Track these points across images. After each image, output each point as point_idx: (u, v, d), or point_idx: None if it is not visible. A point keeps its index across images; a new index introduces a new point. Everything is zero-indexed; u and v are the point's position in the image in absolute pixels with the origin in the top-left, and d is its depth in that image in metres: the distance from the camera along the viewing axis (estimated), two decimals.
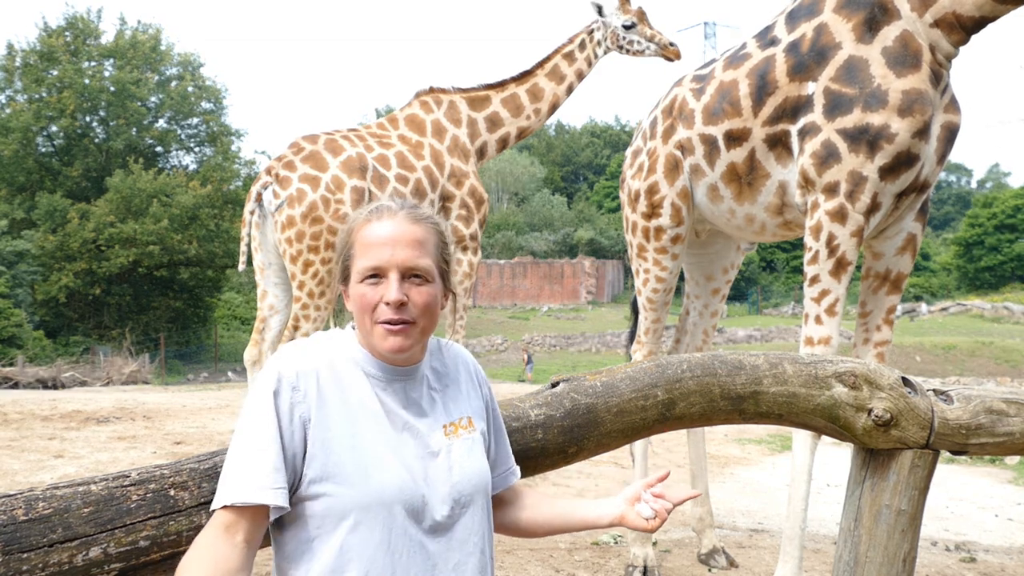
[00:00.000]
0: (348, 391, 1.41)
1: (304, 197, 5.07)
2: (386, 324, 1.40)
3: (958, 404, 1.84)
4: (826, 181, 3.30)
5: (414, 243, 1.42)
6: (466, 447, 1.48)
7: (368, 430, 1.39)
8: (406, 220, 1.43)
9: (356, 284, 1.43)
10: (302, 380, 1.38)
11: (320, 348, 1.45)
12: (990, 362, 21.49)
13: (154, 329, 29.73)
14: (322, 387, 1.39)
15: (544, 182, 58.68)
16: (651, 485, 1.58)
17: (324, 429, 1.36)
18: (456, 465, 1.45)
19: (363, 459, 1.36)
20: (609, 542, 4.99)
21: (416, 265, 1.41)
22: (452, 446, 1.46)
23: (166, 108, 34.49)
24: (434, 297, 1.44)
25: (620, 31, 5.80)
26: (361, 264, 1.42)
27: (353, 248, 1.44)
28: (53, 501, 1.39)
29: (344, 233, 1.47)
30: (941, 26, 3.12)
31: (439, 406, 1.50)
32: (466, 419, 1.52)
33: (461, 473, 1.45)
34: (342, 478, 1.34)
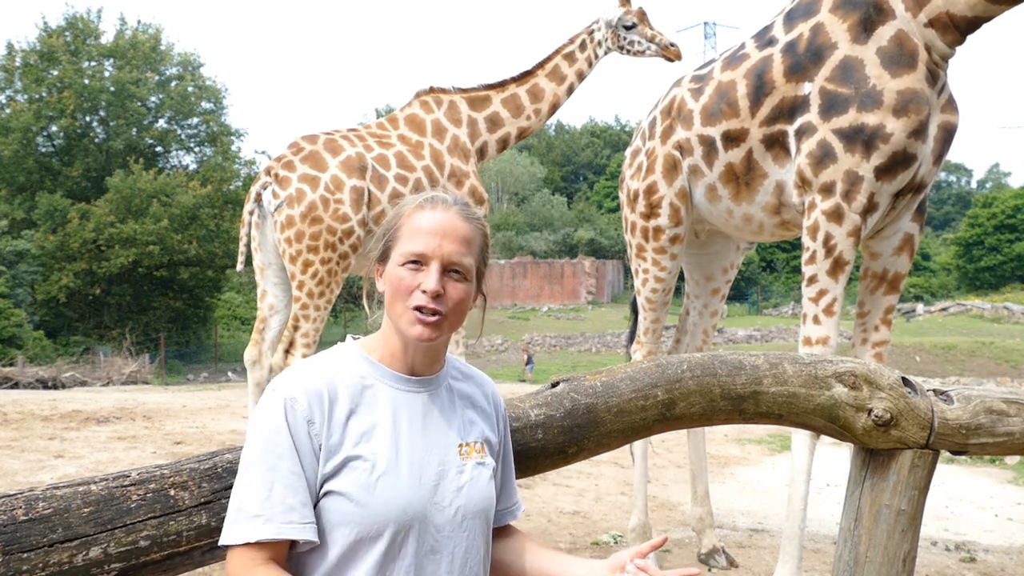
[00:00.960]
0: (359, 409, 1.39)
1: (303, 197, 5.07)
2: (418, 311, 1.40)
3: (958, 404, 1.84)
4: (822, 181, 3.31)
5: (462, 240, 1.42)
6: (477, 471, 1.46)
7: (381, 446, 1.37)
8: (458, 216, 1.44)
9: (396, 266, 1.41)
10: (313, 405, 1.35)
11: (325, 368, 1.42)
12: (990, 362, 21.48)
13: (154, 329, 29.73)
14: (332, 409, 1.37)
15: (544, 182, 58.68)
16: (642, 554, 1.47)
17: (336, 450, 1.35)
18: (466, 487, 1.44)
19: (372, 477, 1.34)
20: (609, 542, 4.99)
21: (459, 261, 1.42)
22: (465, 467, 1.45)
23: (166, 108, 34.50)
24: (468, 295, 1.45)
25: (621, 31, 5.80)
26: (406, 247, 1.41)
27: (400, 230, 1.43)
28: (53, 501, 1.39)
29: (393, 214, 1.47)
30: (935, 26, 3.13)
31: (457, 424, 1.49)
32: (480, 443, 1.51)
33: (468, 496, 1.43)
34: (350, 495, 1.33)
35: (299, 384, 1.37)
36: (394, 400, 1.42)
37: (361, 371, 1.43)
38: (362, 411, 1.39)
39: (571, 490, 6.52)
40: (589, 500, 6.19)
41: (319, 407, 1.35)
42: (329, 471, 1.34)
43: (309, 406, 1.35)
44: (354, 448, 1.35)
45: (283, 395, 1.35)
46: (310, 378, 1.38)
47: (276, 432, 1.33)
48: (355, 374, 1.42)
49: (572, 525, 5.37)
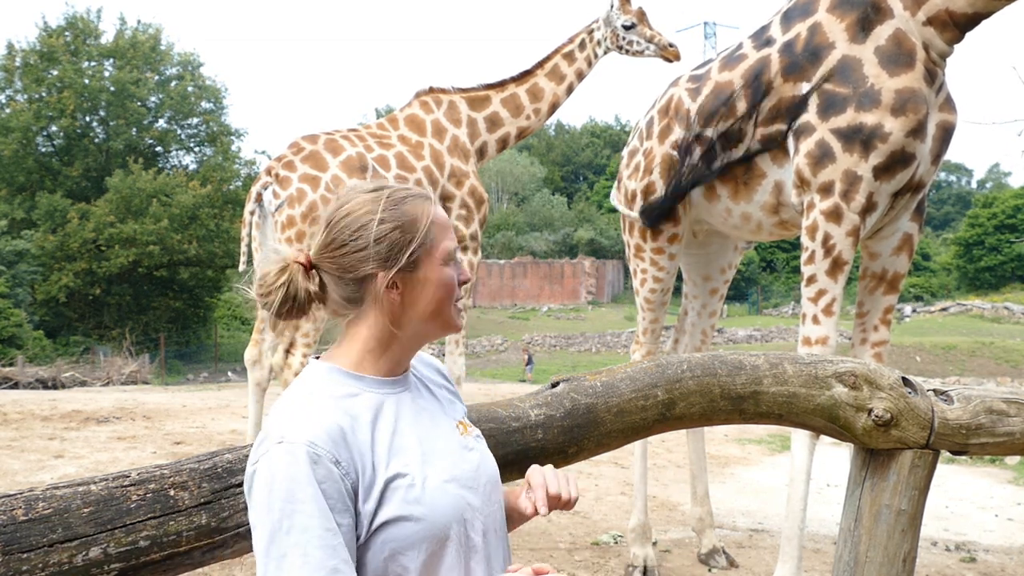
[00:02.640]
0: (376, 428, 1.29)
1: (304, 197, 5.07)
2: (458, 303, 1.40)
3: (958, 404, 1.84)
4: (821, 181, 3.31)
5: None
6: (479, 443, 1.45)
7: (409, 456, 1.29)
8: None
9: (441, 267, 1.36)
10: (338, 444, 1.21)
11: (325, 400, 1.28)
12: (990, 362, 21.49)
13: (154, 329, 29.72)
14: (355, 442, 1.24)
15: (544, 182, 58.67)
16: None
17: (373, 480, 1.24)
18: (480, 461, 1.41)
19: (418, 489, 1.26)
20: (609, 542, 4.99)
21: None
22: (469, 443, 1.42)
23: (166, 108, 34.50)
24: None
25: (620, 31, 5.80)
26: (448, 245, 1.37)
27: (432, 230, 1.34)
28: (53, 501, 1.39)
29: (413, 214, 1.34)
30: (934, 24, 3.13)
31: (444, 408, 1.46)
32: (465, 416, 1.51)
33: (485, 468, 1.41)
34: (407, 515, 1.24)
35: (313, 426, 1.21)
36: (394, 406, 1.35)
37: (352, 388, 1.32)
38: (379, 427, 1.29)
39: None
40: (589, 500, 6.19)
41: (343, 444, 1.22)
42: (373, 504, 1.23)
43: (333, 446, 1.20)
44: (387, 469, 1.25)
45: (301, 443, 1.18)
46: (320, 415, 1.24)
47: (299, 489, 1.16)
48: (350, 393, 1.31)
49: (572, 525, 5.37)
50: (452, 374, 5.82)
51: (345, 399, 1.29)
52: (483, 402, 1.88)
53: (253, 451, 1.25)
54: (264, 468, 1.19)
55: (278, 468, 1.17)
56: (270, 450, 1.20)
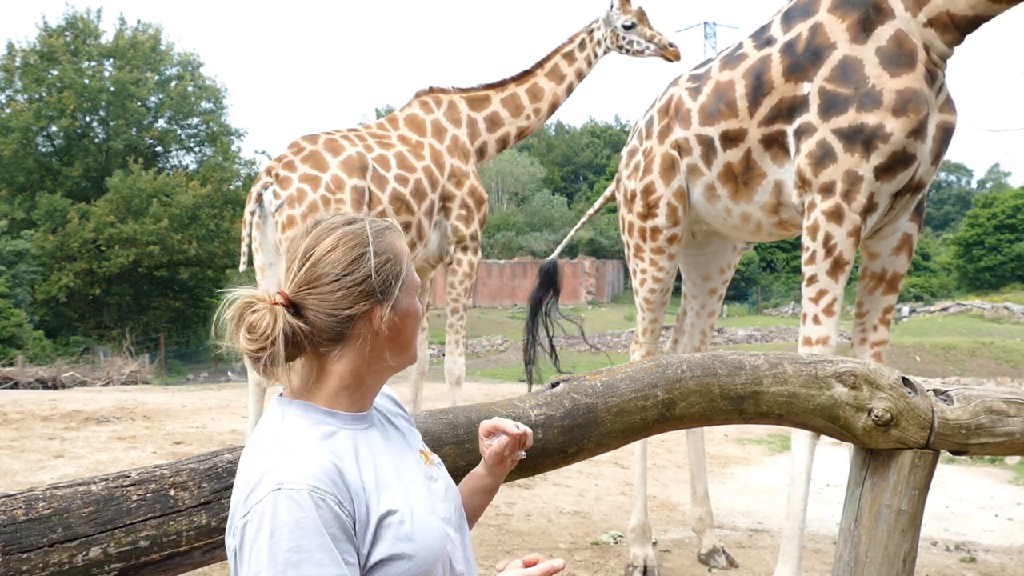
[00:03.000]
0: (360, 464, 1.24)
1: (304, 197, 5.07)
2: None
3: (958, 404, 1.84)
4: (822, 181, 3.31)
5: None
6: (442, 471, 1.43)
7: (393, 492, 1.25)
8: None
9: (412, 299, 1.32)
10: (337, 483, 1.17)
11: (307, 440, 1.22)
12: (990, 362, 21.48)
13: (154, 329, 29.73)
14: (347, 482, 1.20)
15: (544, 182, 58.65)
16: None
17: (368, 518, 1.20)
18: (447, 489, 1.39)
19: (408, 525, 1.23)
20: (609, 542, 4.99)
21: None
22: (433, 472, 1.39)
23: (166, 108, 34.51)
24: None
25: (620, 31, 5.80)
26: (416, 276, 1.35)
27: (403, 262, 1.31)
28: (53, 501, 1.40)
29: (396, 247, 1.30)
30: (935, 25, 3.13)
31: (406, 438, 1.42)
32: (423, 444, 1.47)
33: (452, 496, 1.39)
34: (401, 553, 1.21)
35: (311, 468, 1.16)
36: (368, 441, 1.29)
37: (332, 428, 1.26)
38: (363, 465, 1.25)
39: (571, 490, 6.52)
40: (589, 500, 6.19)
41: (342, 485, 1.17)
42: (368, 545, 1.19)
43: (335, 487, 1.16)
44: (379, 506, 1.21)
45: (303, 488, 1.12)
46: (313, 457, 1.18)
47: (307, 537, 1.10)
48: (329, 432, 1.25)
49: (572, 525, 5.37)
50: (452, 374, 5.83)
51: (327, 439, 1.23)
52: (483, 402, 1.88)
53: (240, 502, 1.16)
54: (262, 517, 1.11)
55: (281, 515, 1.10)
56: (266, 497, 1.12)
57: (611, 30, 5.84)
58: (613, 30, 5.83)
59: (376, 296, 1.26)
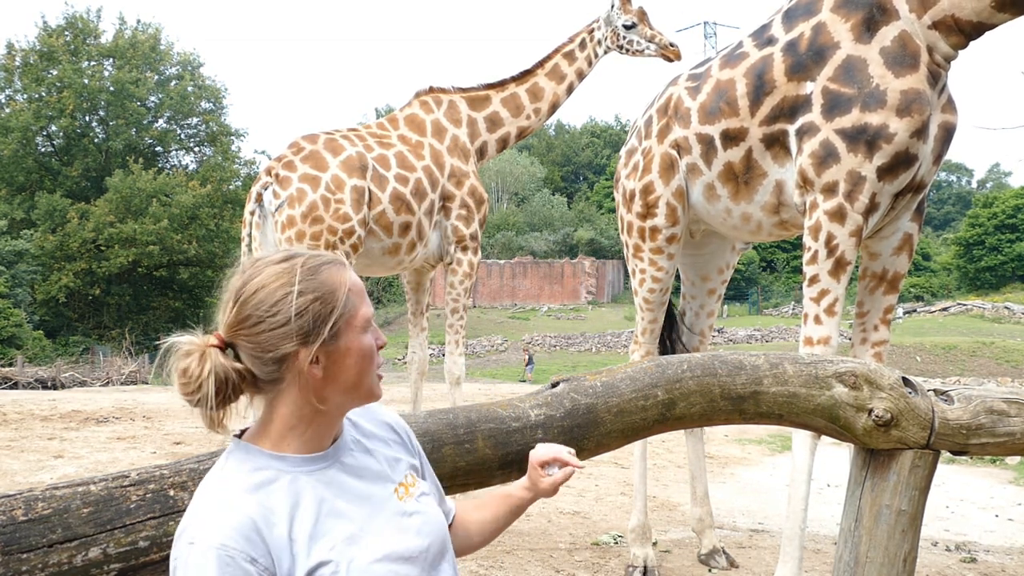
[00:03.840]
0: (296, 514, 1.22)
1: (304, 197, 5.07)
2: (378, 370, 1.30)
3: (958, 404, 1.84)
4: (825, 181, 3.30)
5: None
6: (422, 504, 1.37)
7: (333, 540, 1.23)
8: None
9: (362, 335, 1.27)
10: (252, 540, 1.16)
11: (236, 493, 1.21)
12: (991, 362, 21.50)
13: (154, 329, 29.75)
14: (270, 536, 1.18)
15: (544, 182, 58.70)
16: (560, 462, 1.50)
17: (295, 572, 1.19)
18: (423, 526, 1.34)
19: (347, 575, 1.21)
20: (609, 542, 4.99)
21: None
22: (408, 508, 1.34)
23: (166, 108, 34.56)
24: None
25: (621, 31, 5.80)
26: (365, 312, 1.28)
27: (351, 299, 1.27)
28: (53, 501, 1.39)
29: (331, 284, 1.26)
30: (939, 28, 3.13)
31: (382, 470, 1.36)
32: (410, 475, 1.41)
33: (429, 533, 1.34)
34: None
35: (224, 525, 1.15)
36: (318, 484, 1.26)
37: (271, 473, 1.24)
38: (298, 514, 1.22)
39: (571, 490, 6.52)
40: (589, 500, 6.19)
41: (258, 540, 1.16)
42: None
43: (247, 544, 1.15)
44: (309, 558, 1.19)
45: (212, 547, 1.13)
46: (232, 512, 1.17)
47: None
48: (269, 480, 1.23)
49: (572, 525, 5.37)
50: (452, 374, 5.82)
51: (260, 489, 1.21)
52: (483, 402, 1.88)
53: (173, 546, 1.20)
54: (175, 571, 1.16)
55: (191, 571, 1.14)
56: (182, 551, 1.16)
57: (611, 29, 5.83)
58: (613, 29, 5.83)
59: (303, 338, 1.22)
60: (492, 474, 1.77)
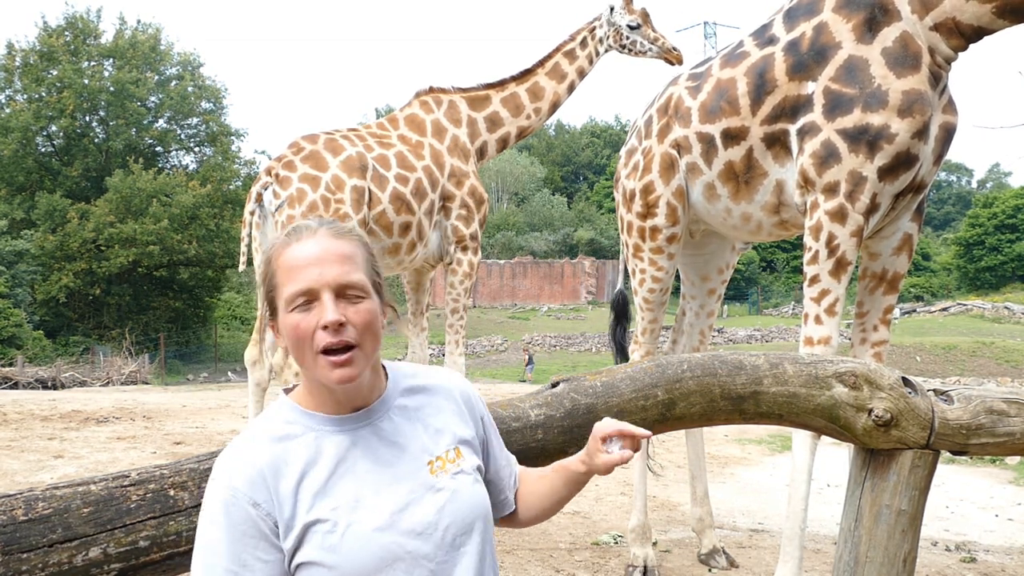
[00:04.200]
0: (309, 470, 1.27)
1: (304, 197, 5.07)
2: (328, 355, 1.25)
3: (958, 404, 1.84)
4: (826, 181, 3.30)
5: (342, 258, 1.28)
6: (456, 482, 1.35)
7: (339, 500, 1.27)
8: (328, 236, 1.30)
9: (287, 315, 1.27)
10: (256, 486, 1.25)
11: (264, 439, 1.30)
12: (991, 362, 21.49)
13: (154, 329, 29.75)
14: (277, 484, 1.25)
15: (544, 182, 58.69)
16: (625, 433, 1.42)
17: (292, 522, 1.25)
18: (447, 504, 1.32)
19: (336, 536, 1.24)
20: (609, 542, 4.99)
21: (349, 281, 1.27)
22: (439, 484, 1.33)
23: (166, 108, 34.54)
24: (374, 314, 1.30)
25: (624, 31, 5.82)
26: (289, 290, 1.26)
27: (276, 276, 1.29)
28: (53, 501, 1.39)
29: (263, 263, 1.32)
30: (941, 30, 3.13)
31: (421, 441, 1.37)
32: (454, 450, 1.39)
33: (454, 513, 1.32)
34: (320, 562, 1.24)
35: (238, 466, 1.26)
36: (342, 445, 1.30)
37: (299, 428, 1.31)
38: (311, 470, 1.28)
39: None
40: (589, 500, 6.19)
41: (262, 485, 1.25)
42: (292, 544, 1.25)
43: (251, 488, 1.24)
44: (309, 513, 1.25)
45: (223, 483, 1.25)
46: (249, 457, 1.27)
47: (211, 529, 1.24)
48: (293, 435, 1.30)
49: (572, 525, 5.37)
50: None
51: (282, 440, 1.30)
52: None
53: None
54: (204, 498, 1.28)
55: (205, 505, 1.26)
56: (210, 484, 1.28)
57: (614, 29, 5.84)
58: (616, 29, 5.84)
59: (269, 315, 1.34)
60: None
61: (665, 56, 5.83)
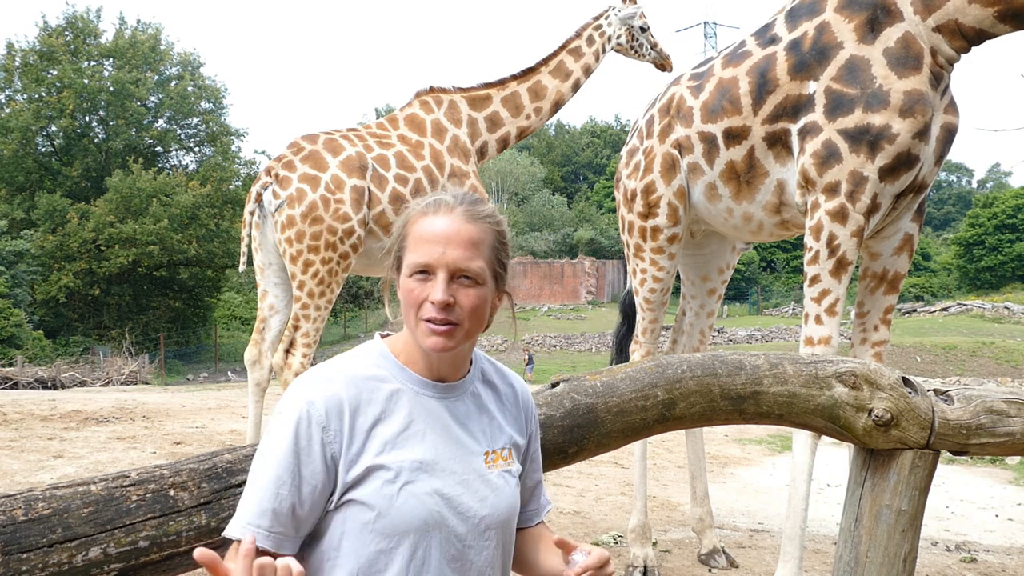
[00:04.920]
0: (385, 416, 1.35)
1: (304, 197, 5.07)
2: (430, 323, 1.34)
3: (958, 404, 1.84)
4: (827, 181, 3.30)
5: (468, 243, 1.36)
6: (502, 480, 1.43)
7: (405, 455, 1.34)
8: (462, 218, 1.37)
9: (406, 278, 1.37)
10: (331, 413, 1.31)
11: (350, 373, 1.37)
12: (991, 362, 21.47)
13: (154, 329, 29.73)
14: (354, 420, 1.32)
15: (544, 182, 58.65)
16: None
17: (357, 460, 1.31)
18: (491, 497, 1.40)
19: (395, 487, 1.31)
20: (609, 542, 4.99)
21: (467, 267, 1.35)
22: (490, 476, 1.42)
23: (166, 108, 34.52)
24: (483, 300, 1.38)
25: (637, 32, 5.88)
26: (412, 259, 1.35)
27: (406, 240, 1.38)
28: (53, 501, 1.39)
29: (400, 223, 1.42)
30: (943, 32, 3.13)
31: (485, 431, 1.45)
32: (508, 450, 1.47)
33: (493, 506, 1.40)
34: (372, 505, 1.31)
35: (321, 390, 1.33)
36: (420, 407, 1.38)
37: (387, 375, 1.39)
38: (387, 418, 1.35)
39: (571, 490, 6.51)
40: (589, 500, 6.18)
41: (337, 415, 1.31)
42: (351, 480, 1.31)
43: (327, 414, 1.31)
44: (377, 457, 1.32)
45: (303, 399, 1.31)
46: (333, 384, 1.34)
47: (281, 438, 1.30)
48: (381, 379, 1.38)
49: (572, 525, 5.37)
50: None
51: (369, 380, 1.37)
52: None
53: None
54: (279, 408, 1.35)
55: (280, 415, 1.33)
56: (289, 396, 1.34)
57: (627, 29, 5.89)
58: (630, 29, 5.88)
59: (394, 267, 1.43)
60: None
61: (662, 62, 5.96)
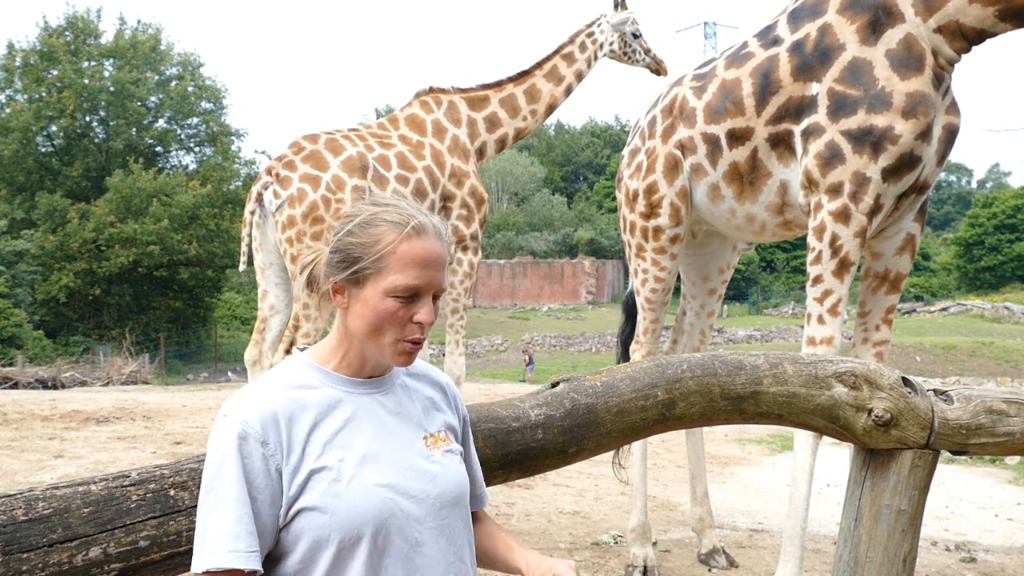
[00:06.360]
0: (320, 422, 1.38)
1: (305, 197, 5.07)
2: (410, 343, 1.39)
3: (958, 404, 1.84)
4: (830, 182, 3.31)
5: (443, 264, 1.41)
6: (447, 459, 1.48)
7: (345, 453, 1.36)
8: (437, 239, 1.41)
9: (383, 297, 1.37)
10: (268, 428, 1.33)
11: (280, 386, 1.40)
12: (990, 362, 21.48)
13: (154, 329, 29.74)
14: (290, 429, 1.35)
15: (544, 182, 58.66)
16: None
17: (298, 468, 1.33)
18: (439, 475, 1.44)
19: (340, 485, 1.33)
20: (609, 542, 4.99)
21: (443, 287, 1.42)
22: (433, 456, 1.46)
23: (166, 108, 34.53)
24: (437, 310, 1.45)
25: (630, 39, 5.89)
26: (398, 281, 1.36)
27: (387, 259, 1.37)
28: (53, 501, 1.39)
29: (370, 238, 1.38)
30: (944, 32, 3.14)
31: (418, 417, 1.49)
32: (444, 432, 1.52)
33: (444, 484, 1.44)
34: (321, 508, 1.32)
35: (254, 405, 1.35)
36: (354, 404, 1.42)
37: (316, 382, 1.42)
38: (323, 421, 1.38)
39: (571, 490, 6.52)
40: (589, 500, 6.19)
41: (274, 427, 1.33)
42: (295, 491, 1.33)
43: (263, 428, 1.32)
44: (317, 460, 1.34)
45: (237, 419, 1.33)
46: (265, 400, 1.36)
47: (224, 459, 1.30)
48: (311, 386, 1.41)
49: (572, 525, 5.37)
50: (452, 374, 5.82)
51: (301, 389, 1.40)
52: (483, 402, 1.88)
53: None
54: (212, 435, 1.35)
55: (216, 438, 1.33)
56: (220, 420, 1.35)
57: (619, 35, 5.89)
58: (622, 36, 5.89)
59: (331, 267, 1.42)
60: (492, 474, 1.77)
61: (656, 67, 5.98)
